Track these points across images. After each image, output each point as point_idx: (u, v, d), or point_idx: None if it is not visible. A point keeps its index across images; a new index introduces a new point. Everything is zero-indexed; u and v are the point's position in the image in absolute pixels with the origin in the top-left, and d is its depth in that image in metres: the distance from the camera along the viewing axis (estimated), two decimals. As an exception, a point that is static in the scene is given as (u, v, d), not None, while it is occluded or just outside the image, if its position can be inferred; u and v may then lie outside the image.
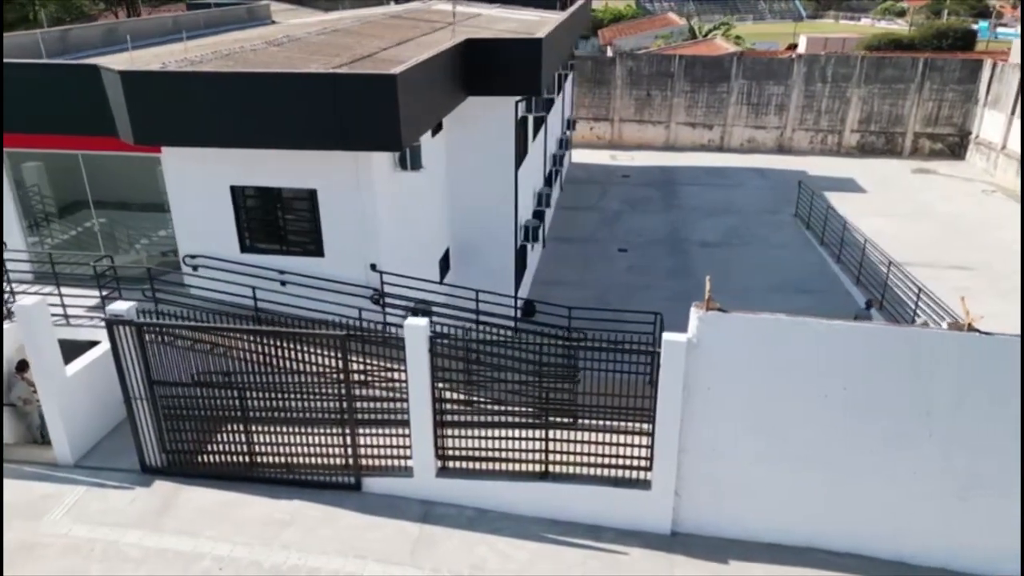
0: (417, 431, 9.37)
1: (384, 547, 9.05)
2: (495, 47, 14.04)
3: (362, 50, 14.49)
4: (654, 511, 9.31)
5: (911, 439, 8.42)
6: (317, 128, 10.13)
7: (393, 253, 12.07)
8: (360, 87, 9.93)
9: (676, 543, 9.34)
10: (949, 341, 7.92)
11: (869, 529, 8.99)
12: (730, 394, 8.64)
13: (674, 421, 8.78)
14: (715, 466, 9.04)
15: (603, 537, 9.38)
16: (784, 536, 9.25)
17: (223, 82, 10.12)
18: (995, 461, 8.34)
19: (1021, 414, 8.04)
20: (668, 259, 22.17)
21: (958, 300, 18.67)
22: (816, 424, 8.57)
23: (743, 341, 8.39)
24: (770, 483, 9.00)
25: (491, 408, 9.67)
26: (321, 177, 11.27)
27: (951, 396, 8.14)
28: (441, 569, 8.79)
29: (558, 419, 9.46)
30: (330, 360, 9.17)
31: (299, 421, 9.71)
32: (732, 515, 9.28)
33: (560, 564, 8.95)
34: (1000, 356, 7.88)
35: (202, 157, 11.29)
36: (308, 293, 11.67)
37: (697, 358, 8.51)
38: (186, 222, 11.94)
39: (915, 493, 8.67)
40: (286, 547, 9.00)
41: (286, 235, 11.88)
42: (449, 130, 15.28)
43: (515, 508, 9.63)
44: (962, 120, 33.80)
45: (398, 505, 9.71)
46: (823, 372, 8.32)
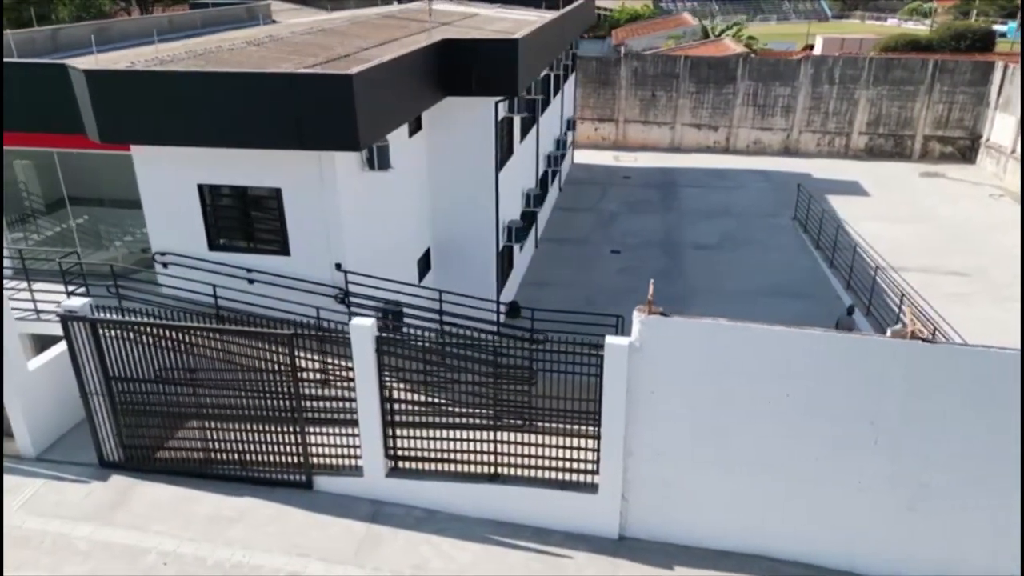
0: (366, 431, 9.39)
1: (328, 546, 9.08)
2: (472, 47, 14.03)
3: (342, 50, 14.55)
4: (601, 515, 9.25)
5: (856, 447, 8.29)
6: (276, 127, 10.18)
7: (360, 253, 12.10)
8: (317, 87, 9.97)
9: (623, 547, 9.28)
10: (892, 349, 7.77)
11: (819, 538, 8.87)
12: (674, 398, 8.56)
13: (619, 424, 8.72)
14: (662, 470, 8.96)
15: (550, 540, 9.34)
16: (733, 543, 9.15)
17: (183, 81, 10.22)
18: (944, 472, 8.18)
19: (987, 425, 7.88)
20: (660, 261, 22.02)
21: (950, 306, 18.53)
22: (761, 430, 8.47)
23: (685, 345, 8.31)
24: (717, 489, 8.90)
25: (442, 409, 9.65)
26: (286, 176, 11.33)
27: (896, 405, 8.00)
28: (383, 569, 8.81)
29: (507, 421, 9.43)
30: (281, 358, 9.22)
31: (253, 419, 9.77)
32: (680, 520, 9.20)
33: (503, 566, 8.92)
34: (945, 365, 7.71)
35: (170, 155, 11.40)
36: (275, 292, 11.74)
37: (640, 362, 8.44)
38: (156, 220, 12.07)
39: (863, 502, 8.53)
40: (231, 544, 9.06)
41: (253, 233, 11.96)
42: (429, 130, 15.29)
43: (464, 509, 9.61)
44: (973, 123, 33.21)
45: (348, 504, 9.74)
46: (766, 378, 8.21)
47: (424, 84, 12.98)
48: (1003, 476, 8.00)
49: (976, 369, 7.65)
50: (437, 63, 13.56)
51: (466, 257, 16.45)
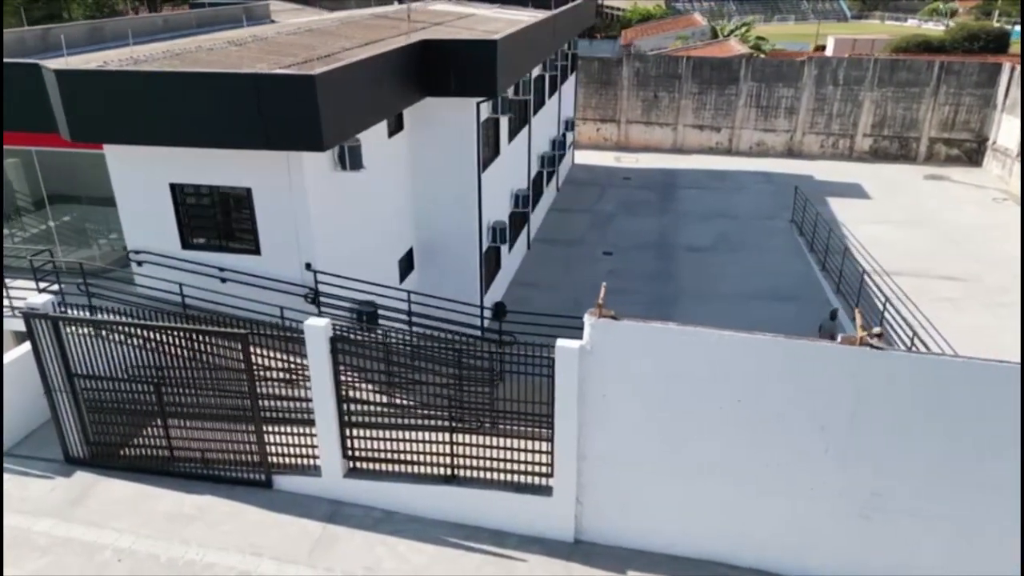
0: (323, 431, 9.41)
1: (283, 545, 9.11)
2: (450, 48, 14.03)
3: (323, 50, 14.59)
4: (556, 518, 9.21)
5: (807, 454, 8.20)
6: (241, 127, 10.24)
7: (331, 252, 12.13)
8: (281, 88, 10.01)
9: (577, 551, 9.23)
10: (840, 355, 7.68)
11: (773, 545, 8.78)
12: (626, 402, 8.51)
13: (571, 428, 8.68)
14: (616, 474, 8.92)
15: (506, 543, 9.32)
16: (687, 548, 9.09)
17: (149, 81, 10.29)
18: (896, 481, 8.07)
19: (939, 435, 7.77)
20: (652, 263, 21.91)
21: (941, 311, 18.28)
22: (712, 435, 8.40)
23: (636, 349, 8.25)
24: (670, 494, 8.84)
25: (400, 410, 9.65)
26: (256, 176, 11.39)
27: (845, 412, 7.90)
28: (335, 569, 8.82)
29: (464, 423, 9.42)
30: (238, 357, 9.25)
31: (213, 417, 9.82)
32: (635, 525, 9.14)
33: (456, 568, 8.91)
34: (894, 373, 7.61)
35: (142, 155, 11.49)
36: (247, 291, 11.81)
37: (592, 365, 8.39)
38: (131, 218, 12.17)
39: (816, 510, 8.44)
40: (187, 542, 9.12)
41: (225, 233, 12.03)
42: (412, 130, 15.32)
43: (423, 511, 9.61)
44: (980, 125, 32.79)
45: (306, 504, 9.77)
46: (716, 382, 8.14)
47: (399, 84, 12.99)
48: (956, 486, 7.88)
49: (925, 377, 7.54)
50: (415, 63, 13.57)
51: (449, 257, 16.47)
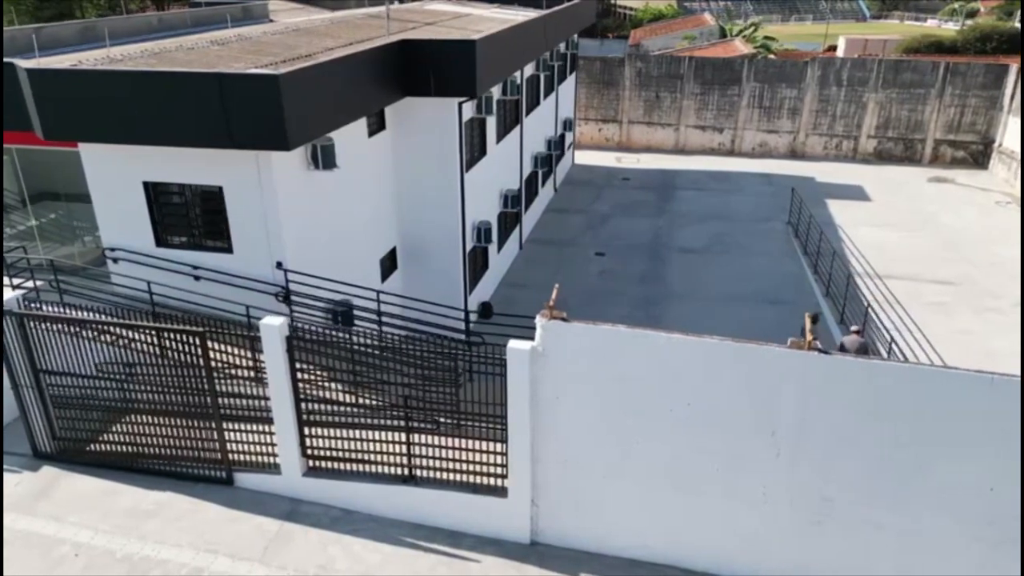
0: (281, 429, 9.45)
1: (238, 542, 9.16)
2: (429, 48, 14.04)
3: (305, 50, 14.63)
4: (512, 520, 9.19)
5: (758, 459, 8.13)
6: (206, 126, 10.31)
7: (304, 251, 12.18)
8: (245, 87, 10.05)
9: (533, 553, 9.21)
10: (787, 360, 7.60)
11: (727, 549, 8.72)
12: (578, 405, 8.47)
13: (524, 429, 8.66)
14: (570, 477, 8.89)
15: (462, 544, 9.31)
16: (643, 552, 9.04)
17: (116, 80, 10.38)
18: (847, 487, 7.98)
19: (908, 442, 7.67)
20: (643, 264, 21.81)
21: (930, 315, 18.04)
22: (663, 438, 8.35)
23: (586, 351, 8.21)
24: (625, 497, 8.80)
25: (359, 410, 9.67)
26: (226, 175, 11.45)
27: (793, 417, 7.82)
28: (287, 568, 8.85)
29: (421, 424, 9.42)
30: (192, 355, 9.31)
31: (176, 414, 9.88)
32: (591, 527, 9.11)
33: (410, 568, 8.92)
34: (841, 378, 7.53)
35: (116, 153, 11.59)
36: (220, 289, 11.88)
37: (544, 367, 8.37)
38: (106, 216, 12.27)
39: (768, 515, 8.37)
40: (144, 538, 9.19)
41: (198, 231, 12.11)
42: (394, 130, 15.33)
43: (380, 511, 9.63)
44: (986, 127, 32.36)
45: (266, 502, 9.81)
46: (666, 385, 8.09)
47: (374, 84, 13.01)
48: (903, 493, 7.79)
49: (871, 382, 7.45)
50: (393, 63, 13.59)
51: (433, 257, 16.48)
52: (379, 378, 10.23)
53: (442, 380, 10.17)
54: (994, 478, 7.51)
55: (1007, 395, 7.15)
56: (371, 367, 10.29)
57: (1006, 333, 16.91)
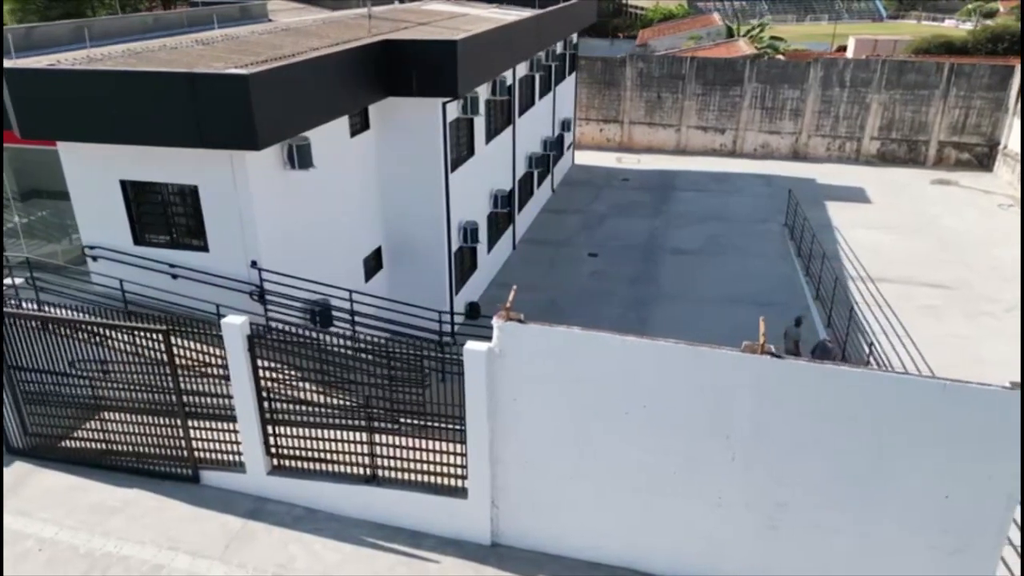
0: (245, 428, 9.49)
1: (200, 540, 9.21)
2: (411, 48, 14.07)
3: (289, 50, 14.68)
4: (472, 521, 9.19)
5: (713, 462, 8.08)
6: (177, 126, 10.37)
7: (280, 250, 12.23)
8: (215, 87, 10.11)
9: (493, 554, 9.20)
10: (739, 363, 7.54)
11: (685, 553, 8.67)
12: (536, 406, 8.45)
13: (482, 430, 8.65)
14: (529, 478, 8.87)
15: (423, 544, 9.32)
16: (603, 555, 9.01)
17: (89, 80, 10.47)
18: (801, 492, 7.92)
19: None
20: (635, 265, 21.73)
21: (919, 319, 17.83)
22: (620, 441, 8.31)
23: (543, 353, 8.19)
24: (583, 500, 8.77)
25: (323, 409, 9.69)
26: (202, 174, 11.51)
27: (747, 421, 7.77)
28: (247, 566, 8.89)
29: (383, 423, 9.43)
30: (156, 353, 9.37)
31: (143, 411, 9.94)
32: (550, 529, 9.09)
33: (368, 568, 8.93)
34: (795, 382, 7.46)
35: (93, 151, 11.68)
36: (197, 287, 11.96)
37: (501, 368, 8.35)
38: (85, 214, 12.38)
39: (724, 518, 8.32)
40: (108, 534, 9.26)
41: (174, 229, 12.19)
42: (378, 129, 15.37)
43: (345, 510, 9.66)
44: (991, 129, 32.01)
45: (231, 500, 9.86)
46: (622, 388, 8.06)
47: (352, 84, 13.04)
48: (857, 499, 7.71)
49: (825, 387, 7.38)
50: (373, 63, 13.62)
51: (418, 257, 16.50)
52: (347, 378, 10.23)
53: (409, 381, 10.16)
54: (949, 486, 7.43)
55: (959, 401, 7.06)
56: (339, 367, 10.29)
57: (998, 338, 16.71)
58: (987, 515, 7.42)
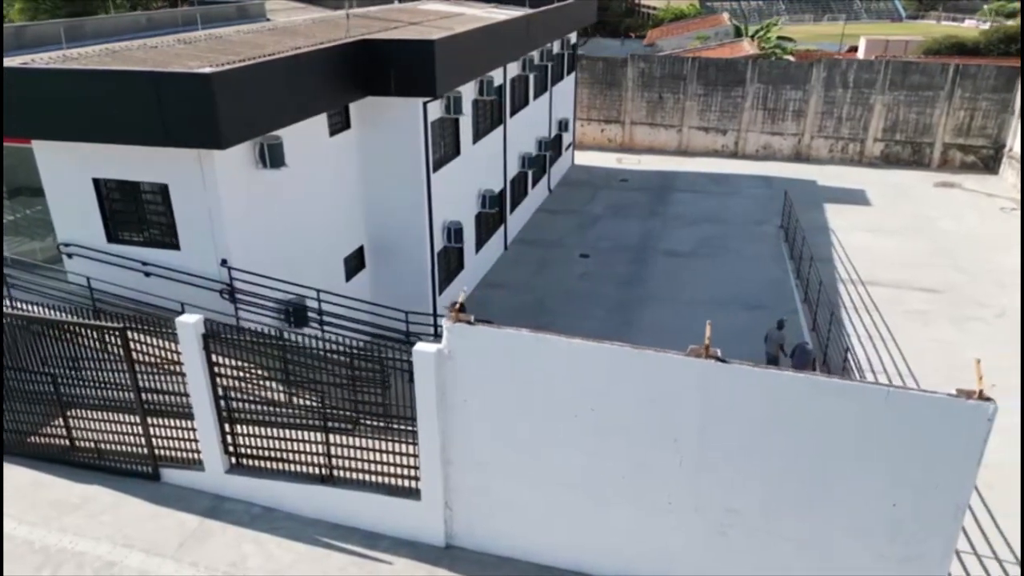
0: (202, 426, 9.51)
1: (156, 538, 9.23)
2: (388, 48, 14.06)
3: (271, 49, 14.69)
4: (426, 522, 9.15)
5: (662, 467, 7.99)
6: (142, 124, 10.42)
7: (253, 249, 12.26)
8: (178, 86, 10.14)
9: (446, 556, 9.16)
10: (685, 367, 7.46)
11: (636, 558, 8.58)
12: (486, 408, 8.40)
13: (433, 432, 8.61)
14: (482, 481, 8.82)
15: (378, 545, 9.30)
16: (556, 558, 8.95)
17: (58, 79, 10.54)
18: (749, 498, 7.82)
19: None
20: (626, 267, 21.62)
21: (906, 323, 17.58)
22: (570, 444, 8.25)
23: (492, 355, 8.14)
24: (535, 503, 8.71)
25: (280, 408, 9.69)
26: (172, 172, 11.56)
27: (695, 425, 7.68)
28: (199, 564, 8.91)
29: (338, 424, 9.42)
30: (115, 351, 9.41)
31: (107, 409, 9.99)
32: (504, 532, 9.04)
33: (320, 568, 8.92)
34: (740, 387, 7.36)
35: (67, 149, 11.76)
36: (169, 285, 12.02)
37: (452, 370, 8.31)
38: (60, 211, 12.47)
39: (675, 524, 8.23)
40: (64, 530, 9.30)
41: (146, 227, 12.25)
42: (359, 129, 15.38)
43: (302, 510, 9.65)
44: (997, 131, 31.58)
45: (190, 498, 9.88)
46: (571, 391, 7.99)
47: (327, 83, 13.05)
48: (804, 506, 7.60)
49: (771, 393, 7.28)
50: (349, 63, 13.62)
51: (400, 256, 16.50)
52: (310, 377, 10.23)
53: (370, 381, 10.14)
54: (895, 494, 7.30)
55: (903, 409, 6.94)
56: (302, 366, 10.29)
57: (985, 344, 16.45)
58: (935, 525, 7.29)
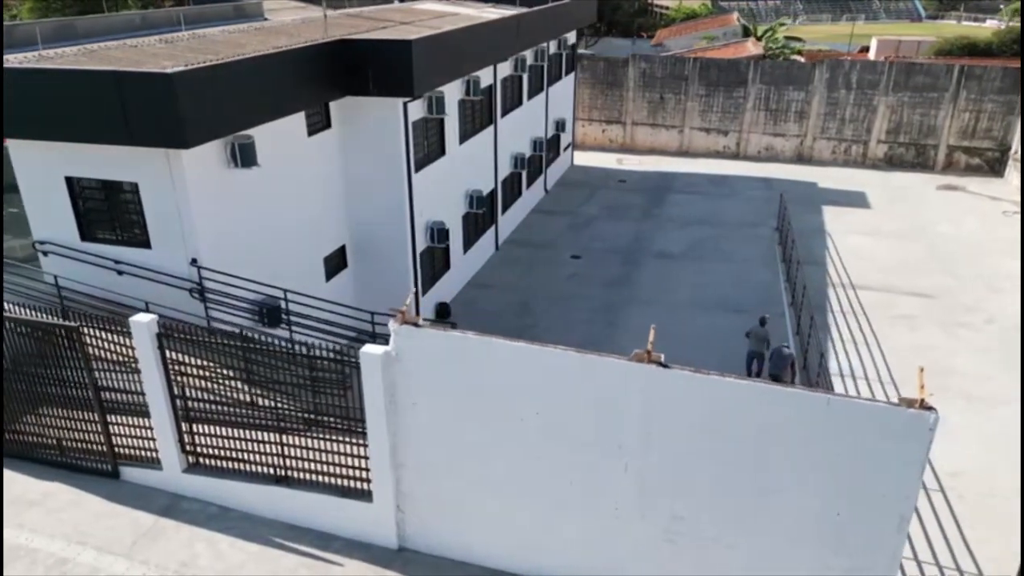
0: (158, 425, 9.53)
1: (110, 536, 9.26)
2: (365, 48, 14.04)
3: (252, 49, 14.72)
4: (378, 524, 9.12)
5: (607, 473, 7.91)
6: (106, 123, 10.46)
7: (223, 249, 12.27)
8: (141, 86, 10.17)
9: (398, 559, 9.13)
10: (626, 371, 7.37)
11: (585, 564, 8.50)
12: (435, 411, 8.35)
13: (382, 434, 8.57)
14: (432, 484, 8.77)
15: (331, 547, 9.27)
16: (507, 563, 8.88)
17: (24, 78, 10.59)
18: (697, 505, 7.72)
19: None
20: (615, 269, 21.50)
21: (892, 328, 17.33)
22: (518, 449, 8.18)
23: (439, 358, 8.09)
24: (486, 507, 8.65)
25: (235, 408, 9.69)
26: (141, 171, 11.60)
27: (639, 430, 7.59)
28: (150, 563, 8.92)
29: (292, 424, 9.40)
30: (71, 349, 9.44)
31: (69, 406, 10.04)
32: (456, 536, 8.99)
33: (270, 569, 8.90)
34: (682, 392, 7.27)
35: (40, 148, 11.83)
36: (141, 283, 12.07)
37: (400, 373, 8.26)
38: (34, 209, 12.55)
39: (622, 530, 8.14)
40: (21, 527, 9.35)
41: (119, 226, 12.30)
42: (340, 128, 15.37)
43: (258, 510, 9.65)
44: (1003, 133, 31.15)
45: (148, 496, 9.90)
46: (516, 395, 7.92)
47: (300, 83, 13.05)
48: (747, 514, 7.50)
49: (714, 399, 7.18)
50: (326, 63, 13.61)
51: (381, 256, 16.49)
52: (270, 377, 10.22)
53: (330, 382, 10.11)
54: (839, 504, 7.18)
55: (845, 418, 6.82)
56: (263, 366, 10.28)
57: (971, 350, 16.20)
58: (879, 536, 7.17)
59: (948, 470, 12.04)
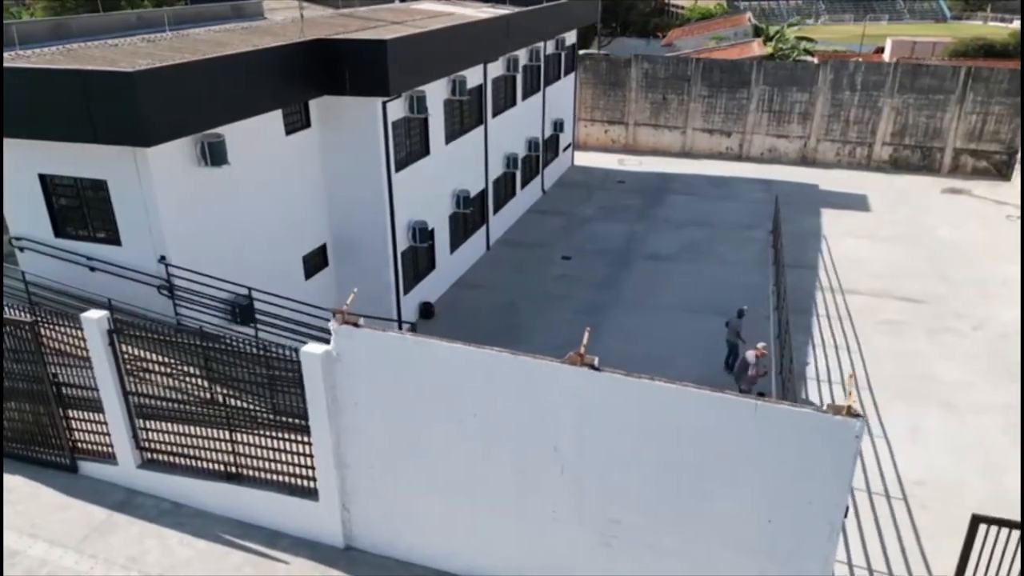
0: (112, 421, 9.61)
1: (62, 530, 9.35)
2: (342, 48, 14.09)
3: (232, 48, 14.83)
4: (324, 523, 9.14)
5: (545, 475, 7.86)
6: (71, 122, 10.56)
7: (193, 246, 12.36)
8: (103, 84, 10.26)
9: (344, 558, 9.14)
10: (558, 373, 7.32)
11: (527, 567, 8.47)
12: (376, 411, 8.36)
13: (325, 433, 8.59)
14: (377, 484, 8.78)
15: (279, 544, 9.31)
16: (452, 564, 8.87)
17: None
18: (631, 509, 7.66)
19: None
20: (605, 270, 21.40)
21: (878, 334, 17.06)
22: (457, 450, 8.17)
23: (379, 358, 8.09)
24: (428, 508, 8.65)
25: (188, 405, 9.75)
26: (110, 168, 11.71)
27: (574, 433, 7.54)
28: (98, 557, 9.00)
29: (242, 421, 9.44)
30: (28, 344, 9.55)
31: (29, 401, 10.15)
32: (401, 535, 8.99)
33: (216, 566, 8.95)
34: (615, 395, 7.21)
35: (15, 145, 11.97)
36: (113, 280, 12.20)
37: (341, 372, 8.28)
38: (12, 205, 12.71)
39: (560, 533, 8.09)
40: (-24, 519, 9.48)
41: (90, 223, 12.43)
42: (320, 127, 15.44)
43: (210, 506, 9.71)
44: (1010, 136, 30.62)
45: (103, 490, 10.00)
46: (455, 396, 7.91)
47: (272, 83, 13.10)
48: (683, 519, 7.43)
49: (644, 403, 7.12)
50: (300, 62, 13.67)
51: (362, 255, 16.54)
52: (226, 374, 10.27)
53: (286, 380, 10.15)
54: (770, 510, 7.09)
55: (772, 424, 6.73)
56: (220, 363, 10.34)
57: (956, 356, 15.93)
58: (810, 543, 7.07)
59: (914, 478, 11.83)
